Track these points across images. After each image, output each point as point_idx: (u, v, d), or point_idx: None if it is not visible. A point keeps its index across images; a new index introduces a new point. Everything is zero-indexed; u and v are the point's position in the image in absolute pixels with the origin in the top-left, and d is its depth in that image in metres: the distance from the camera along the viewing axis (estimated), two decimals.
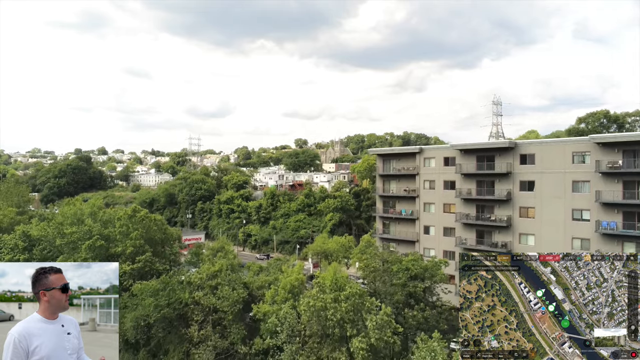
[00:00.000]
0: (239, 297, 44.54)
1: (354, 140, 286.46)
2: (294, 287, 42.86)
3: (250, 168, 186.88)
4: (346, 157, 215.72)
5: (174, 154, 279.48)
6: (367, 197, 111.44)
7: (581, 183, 44.99)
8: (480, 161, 51.30)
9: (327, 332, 37.37)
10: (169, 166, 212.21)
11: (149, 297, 44.80)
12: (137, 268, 49.06)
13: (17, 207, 78.38)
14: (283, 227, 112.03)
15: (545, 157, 47.20)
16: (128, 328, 44.43)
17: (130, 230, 51.11)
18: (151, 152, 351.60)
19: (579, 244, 45.00)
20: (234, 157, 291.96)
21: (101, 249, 49.70)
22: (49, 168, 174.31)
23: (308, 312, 36.57)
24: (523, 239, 48.74)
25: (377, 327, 35.06)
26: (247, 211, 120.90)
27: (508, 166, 48.98)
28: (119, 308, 34.76)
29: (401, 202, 58.80)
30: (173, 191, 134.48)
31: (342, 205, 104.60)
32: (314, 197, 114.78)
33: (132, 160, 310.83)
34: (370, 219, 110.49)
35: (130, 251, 49.64)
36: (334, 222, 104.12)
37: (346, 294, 37.65)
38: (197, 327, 44.80)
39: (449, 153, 54.14)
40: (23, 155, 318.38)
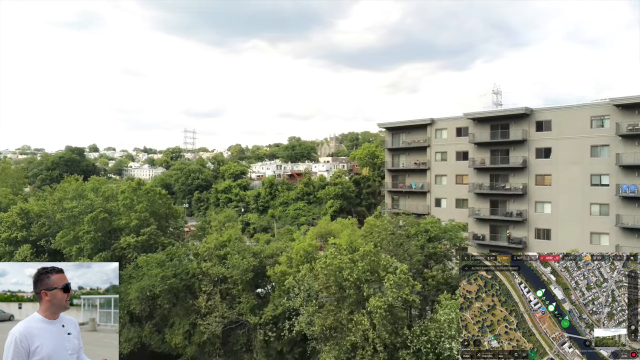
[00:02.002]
0: (250, 265, 43.13)
1: (348, 138, 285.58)
2: (308, 253, 41.61)
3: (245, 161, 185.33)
4: (342, 152, 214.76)
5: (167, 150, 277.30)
6: (368, 185, 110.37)
7: (600, 147, 44.14)
8: (494, 129, 50.33)
9: (343, 294, 36.10)
10: (163, 160, 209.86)
11: (155, 267, 43.40)
12: (142, 241, 47.49)
13: (13, 188, 76.63)
14: (282, 215, 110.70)
15: (563, 122, 46.30)
16: (133, 299, 42.93)
17: (135, 203, 49.51)
18: (143, 150, 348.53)
19: (597, 209, 44.09)
20: (228, 154, 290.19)
21: (104, 222, 48.07)
22: (41, 160, 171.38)
23: (325, 270, 35.29)
24: (539, 207, 47.77)
25: (394, 286, 33.84)
26: (246, 200, 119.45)
27: (524, 133, 48.02)
28: (125, 281, 33.11)
29: (411, 175, 57.71)
30: (169, 181, 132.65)
31: (342, 192, 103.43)
32: (313, 186, 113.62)
33: (124, 157, 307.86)
34: (371, 206, 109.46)
35: (134, 224, 48.01)
36: (335, 209, 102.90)
37: (361, 253, 36.53)
38: (205, 297, 43.37)
39: (461, 123, 53.13)
40: (13, 152, 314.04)
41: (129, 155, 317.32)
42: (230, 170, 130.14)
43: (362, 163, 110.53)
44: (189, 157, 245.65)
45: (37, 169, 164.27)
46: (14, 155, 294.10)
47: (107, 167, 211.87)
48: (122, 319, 45.67)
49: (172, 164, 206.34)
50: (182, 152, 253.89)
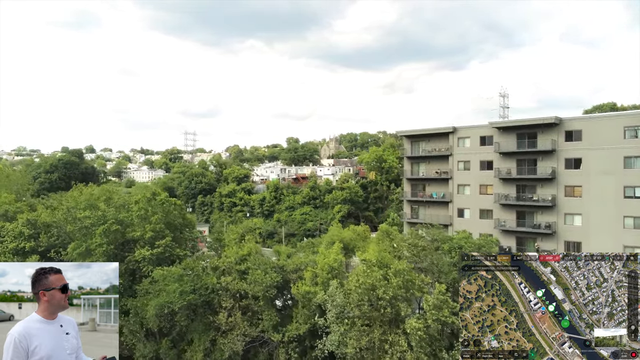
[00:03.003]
0: (273, 281, 41.63)
1: (346, 138, 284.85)
2: (334, 269, 40.13)
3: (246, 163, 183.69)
4: (342, 153, 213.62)
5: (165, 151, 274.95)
6: (375, 189, 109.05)
7: (634, 158, 42.86)
8: (520, 139, 48.94)
9: (378, 313, 34.66)
10: (162, 162, 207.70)
11: (173, 282, 41.91)
12: (157, 253, 45.95)
13: (17, 194, 74.63)
14: (288, 220, 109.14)
15: (594, 132, 44.99)
16: (151, 316, 41.45)
17: (149, 214, 47.88)
18: (140, 151, 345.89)
19: (631, 222, 42.82)
20: (226, 155, 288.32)
21: (117, 234, 46.43)
22: (40, 163, 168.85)
23: (359, 289, 33.86)
24: (569, 219, 46.45)
25: (433, 307, 32.49)
26: (250, 204, 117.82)
27: (553, 143, 46.67)
28: (141, 295, 31.69)
29: (432, 184, 56.27)
30: (171, 185, 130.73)
31: (350, 197, 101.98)
32: (319, 190, 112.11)
33: (121, 158, 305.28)
34: (379, 210, 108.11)
35: (149, 236, 46.38)
36: (342, 214, 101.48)
37: (394, 270, 35.16)
38: (226, 314, 41.89)
39: (485, 132, 51.72)
40: (8, 153, 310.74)
41: (126, 156, 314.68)
42: (234, 173, 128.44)
43: (370, 167, 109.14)
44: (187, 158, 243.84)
45: (36, 172, 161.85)
46: (10, 157, 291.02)
47: (105, 169, 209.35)
48: (138, 334, 44.31)
49: (171, 166, 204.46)
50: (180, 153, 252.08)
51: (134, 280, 47.38)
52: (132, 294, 46.32)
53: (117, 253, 46.94)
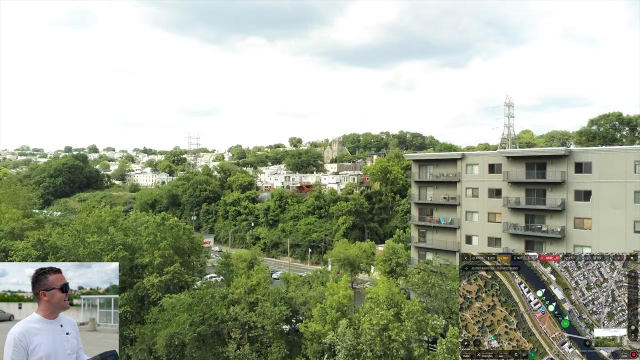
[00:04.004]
0: (282, 314, 41.75)
1: (349, 139, 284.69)
2: (343, 305, 40.17)
3: (249, 167, 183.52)
4: (345, 156, 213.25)
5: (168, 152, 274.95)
6: (380, 199, 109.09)
7: None
8: (530, 169, 48.82)
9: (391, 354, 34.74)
10: (166, 165, 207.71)
11: (182, 312, 42.00)
12: (166, 280, 46.09)
13: (24, 209, 74.44)
14: (293, 230, 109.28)
15: (604, 165, 44.85)
16: (160, 346, 41.65)
17: (159, 240, 47.93)
18: (143, 150, 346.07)
19: None
20: (228, 155, 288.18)
21: (124, 260, 46.50)
22: (44, 167, 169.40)
23: (372, 331, 33.93)
24: (578, 250, 46.38)
25: (447, 350, 32.57)
26: (255, 213, 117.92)
27: (562, 175, 46.54)
28: (150, 322, 31.75)
29: (439, 209, 56.20)
30: (176, 192, 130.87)
31: (355, 208, 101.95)
32: (323, 199, 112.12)
33: (124, 158, 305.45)
34: (383, 221, 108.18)
35: (158, 262, 46.46)
36: (347, 226, 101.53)
37: (406, 311, 35.22)
38: (235, 345, 42.06)
39: (494, 159, 51.61)
40: (12, 152, 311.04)
41: (129, 156, 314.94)
42: (238, 181, 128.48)
43: (374, 178, 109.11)
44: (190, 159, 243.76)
45: (40, 177, 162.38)
46: (13, 157, 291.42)
47: (109, 172, 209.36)
48: None
49: (174, 168, 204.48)
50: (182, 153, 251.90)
51: (142, 307, 47.51)
52: (140, 320, 46.49)
53: (124, 279, 47.06)
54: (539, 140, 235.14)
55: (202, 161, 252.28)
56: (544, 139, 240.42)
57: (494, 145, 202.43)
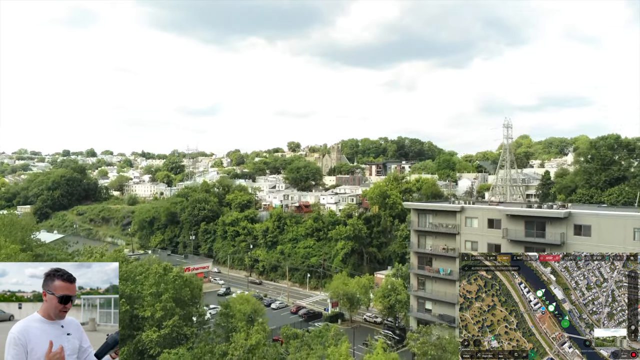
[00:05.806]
0: None
1: (347, 144, 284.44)
2: None
3: (248, 179, 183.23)
4: (344, 166, 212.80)
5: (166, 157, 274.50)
6: (378, 223, 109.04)
7: None
8: (529, 228, 48.91)
9: None
10: (164, 175, 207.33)
11: None
12: (165, 334, 46.15)
13: (22, 243, 73.98)
14: (292, 253, 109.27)
15: (603, 230, 44.96)
16: None
17: (161, 291, 47.78)
18: (141, 154, 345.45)
19: None
20: (227, 160, 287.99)
21: (125, 314, 46.40)
22: (42, 179, 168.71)
23: None
24: None
25: None
26: (253, 234, 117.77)
27: (562, 237, 46.63)
28: None
29: (438, 259, 56.32)
30: (174, 209, 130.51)
31: (354, 233, 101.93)
32: (322, 222, 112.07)
33: (123, 162, 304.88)
34: (382, 245, 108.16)
35: (159, 315, 46.43)
36: (346, 251, 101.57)
37: None
38: None
39: (493, 215, 51.66)
40: (9, 156, 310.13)
41: (127, 160, 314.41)
42: (237, 199, 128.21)
43: (373, 202, 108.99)
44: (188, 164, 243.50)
45: (38, 189, 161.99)
46: (11, 161, 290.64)
47: (107, 181, 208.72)
48: None
49: (173, 178, 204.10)
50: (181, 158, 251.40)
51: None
52: None
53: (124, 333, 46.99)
54: (536, 147, 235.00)
55: (200, 166, 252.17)
56: (542, 145, 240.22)
57: (492, 153, 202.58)
